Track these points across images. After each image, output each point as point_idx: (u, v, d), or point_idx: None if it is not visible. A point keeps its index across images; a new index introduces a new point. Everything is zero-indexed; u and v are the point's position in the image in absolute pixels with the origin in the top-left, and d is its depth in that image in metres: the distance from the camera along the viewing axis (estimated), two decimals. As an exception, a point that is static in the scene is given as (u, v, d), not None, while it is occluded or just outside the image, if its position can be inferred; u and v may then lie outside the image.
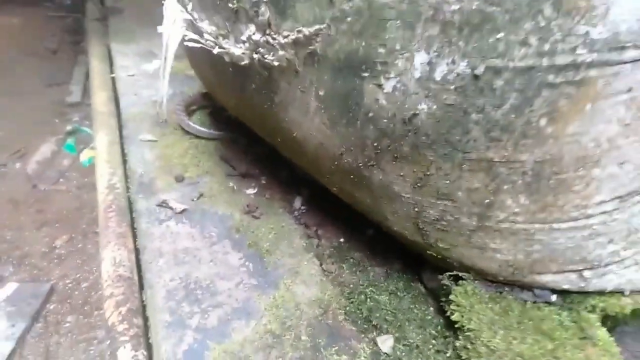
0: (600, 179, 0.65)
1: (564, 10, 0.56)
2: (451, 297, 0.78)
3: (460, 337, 0.76)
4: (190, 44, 0.83)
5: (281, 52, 0.71)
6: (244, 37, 0.76)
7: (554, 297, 0.76)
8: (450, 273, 0.80)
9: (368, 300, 0.89)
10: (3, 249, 1.61)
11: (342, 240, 1.03)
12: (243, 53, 0.76)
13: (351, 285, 0.92)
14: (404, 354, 0.79)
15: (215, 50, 0.80)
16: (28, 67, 2.80)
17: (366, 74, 0.66)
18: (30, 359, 1.27)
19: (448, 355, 0.78)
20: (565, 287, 0.75)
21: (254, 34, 0.73)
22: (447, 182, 0.69)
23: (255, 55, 0.75)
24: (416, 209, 0.74)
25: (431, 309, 0.88)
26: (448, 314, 0.79)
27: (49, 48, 3.04)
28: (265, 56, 0.73)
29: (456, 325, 0.77)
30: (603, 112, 0.60)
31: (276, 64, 0.73)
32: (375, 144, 0.71)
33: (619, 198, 0.68)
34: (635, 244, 0.73)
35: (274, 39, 0.71)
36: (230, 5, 0.75)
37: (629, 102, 0.61)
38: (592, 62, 0.57)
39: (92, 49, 2.20)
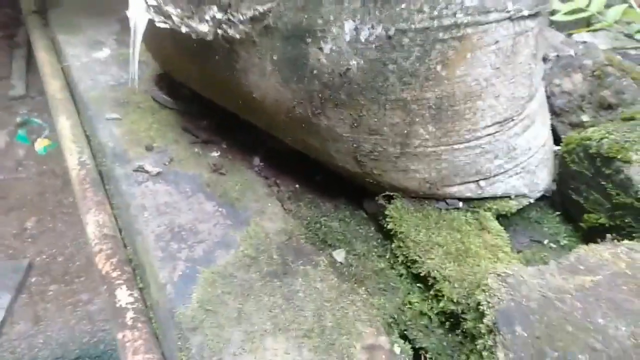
0: (483, 109, 0.89)
1: (445, -14, 0.78)
2: (386, 212, 1.01)
3: (394, 240, 0.99)
4: (161, 25, 0.99)
5: (241, 27, 0.89)
6: (207, 17, 0.93)
7: (460, 204, 1.01)
8: (384, 194, 1.03)
9: (322, 227, 1.10)
10: (-27, 234, 1.67)
11: (297, 186, 1.23)
12: (207, 30, 0.93)
13: (308, 218, 1.12)
14: (354, 260, 1.02)
15: (183, 29, 0.97)
16: (-37, 64, 2.75)
17: (310, 40, 0.85)
18: (22, 324, 1.38)
19: (387, 257, 1.01)
20: (468, 195, 1.00)
21: (216, 13, 0.91)
22: (376, 120, 0.91)
23: (218, 31, 0.93)
24: (354, 145, 0.96)
25: (372, 228, 1.10)
26: (385, 226, 1.02)
27: (-19, 44, 2.98)
28: (227, 31, 0.91)
29: (391, 233, 0.99)
30: (479, 59, 0.84)
31: (237, 37, 0.91)
32: (320, 95, 0.91)
33: (498, 123, 0.92)
34: (514, 159, 0.99)
35: (234, 16, 0.89)
36: (194, -9, 0.92)
37: (497, 51, 0.85)
38: (468, 23, 0.81)
39: (36, 41, 2.24)
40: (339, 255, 1.03)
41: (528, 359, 0.64)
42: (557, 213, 1.11)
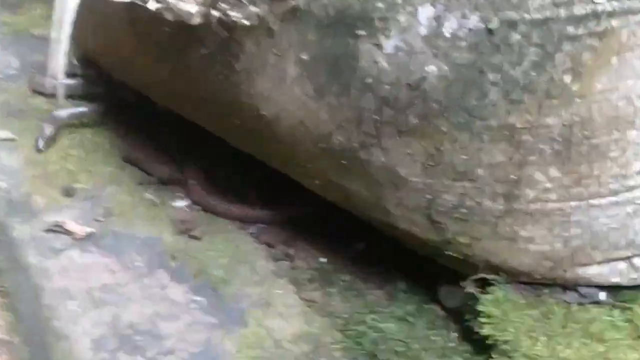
0: (638, 143, 1.08)
1: (578, -45, 0.98)
2: (479, 307, 1.18)
3: (494, 355, 1.16)
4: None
5: (251, 8, 1.08)
6: (196, -11, 1.13)
7: (602, 295, 1.18)
8: (476, 277, 1.20)
9: (370, 330, 1.25)
10: None
11: (323, 259, 1.40)
12: (195, 10, 1.13)
13: (345, 315, 1.28)
14: (425, 389, 1.19)
15: (152, 6, 1.17)
16: None
17: (362, 32, 1.03)
18: None
19: (482, 384, 1.18)
20: (615, 280, 1.16)
21: (212, -16, 1.11)
22: (465, 157, 1.08)
23: (212, 13, 1.12)
24: (428, 196, 1.13)
25: (454, 334, 1.27)
26: (478, 331, 1.18)
27: None
28: (228, 12, 1.11)
29: (488, 341, 1.16)
30: (631, 65, 1.03)
31: (244, 22, 1.10)
32: (376, 117, 1.08)
33: (663, 165, 1.11)
34: (690, 222, 1.16)
35: (241, -9, 1.09)
36: (174, -52, 1.13)
37: (659, 53, 1.04)
38: (614, 11, 0.99)
39: None
40: (400, 379, 1.19)
41: None
42: None
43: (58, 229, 1.42)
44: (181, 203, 1.51)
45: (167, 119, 1.56)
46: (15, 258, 1.42)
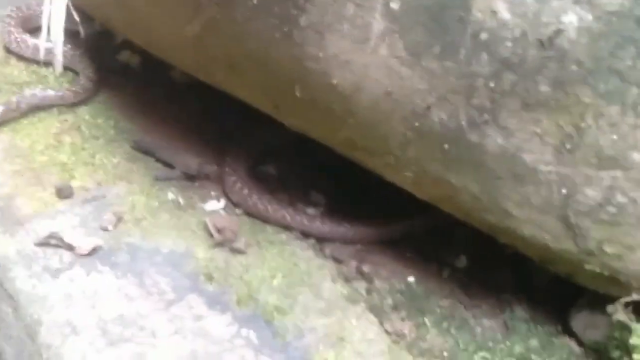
0: None
1: None
2: (632, 340, 1.06)
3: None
4: None
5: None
6: None
7: None
8: (627, 300, 1.07)
9: (482, 375, 1.17)
10: None
11: (411, 279, 1.33)
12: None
13: (445, 354, 1.22)
14: None
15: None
16: None
17: (476, -29, 0.95)
18: None
19: None
20: None
21: None
22: (615, 137, 0.99)
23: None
24: (564, 191, 1.05)
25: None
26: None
27: None
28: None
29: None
30: None
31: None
32: (493, 85, 1.02)
33: None
34: None
35: None
36: None
37: None
38: None
39: None
40: None
41: None
42: None
43: (54, 242, 1.35)
44: (216, 205, 1.44)
45: (192, 92, 1.41)
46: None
